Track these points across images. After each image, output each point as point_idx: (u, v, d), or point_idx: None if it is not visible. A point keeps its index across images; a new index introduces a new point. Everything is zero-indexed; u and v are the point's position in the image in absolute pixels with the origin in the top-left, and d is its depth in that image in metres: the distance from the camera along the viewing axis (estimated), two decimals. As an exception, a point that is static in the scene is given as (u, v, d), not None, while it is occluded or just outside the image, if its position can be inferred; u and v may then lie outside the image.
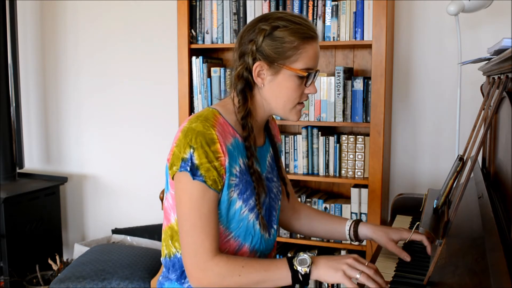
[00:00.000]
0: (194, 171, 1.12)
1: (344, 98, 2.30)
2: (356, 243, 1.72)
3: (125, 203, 3.09)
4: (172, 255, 1.28)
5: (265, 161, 1.34)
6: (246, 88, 1.22)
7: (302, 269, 1.11)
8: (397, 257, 1.34)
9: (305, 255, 1.13)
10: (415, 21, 2.43)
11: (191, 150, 1.12)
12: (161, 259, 1.33)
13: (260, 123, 1.30)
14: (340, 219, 1.48)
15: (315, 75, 1.23)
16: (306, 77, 1.21)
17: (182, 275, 1.27)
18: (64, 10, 3.08)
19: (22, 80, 3.09)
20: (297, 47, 1.18)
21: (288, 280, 1.12)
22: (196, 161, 1.12)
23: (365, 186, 2.32)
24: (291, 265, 1.12)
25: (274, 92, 1.22)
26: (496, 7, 2.21)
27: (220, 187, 1.16)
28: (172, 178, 1.18)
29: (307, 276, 1.11)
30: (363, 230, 1.41)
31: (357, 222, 1.43)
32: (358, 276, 1.08)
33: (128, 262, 2.11)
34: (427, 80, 2.44)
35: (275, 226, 1.36)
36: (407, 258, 1.30)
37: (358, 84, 2.28)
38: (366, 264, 1.11)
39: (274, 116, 1.50)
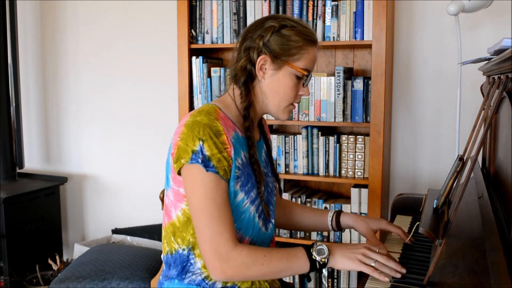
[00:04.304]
0: (206, 162, 1.14)
1: (344, 98, 2.30)
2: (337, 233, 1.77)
3: (125, 203, 3.09)
4: (174, 252, 1.28)
5: (261, 156, 1.37)
6: (248, 80, 1.27)
7: (320, 259, 1.17)
8: (397, 257, 1.35)
9: (323, 245, 1.18)
10: (415, 21, 2.43)
11: (201, 142, 1.14)
12: (162, 256, 1.33)
13: (257, 117, 1.34)
14: (322, 211, 1.55)
15: (310, 79, 1.29)
16: (305, 77, 1.26)
17: (183, 271, 1.27)
18: (64, 10, 3.08)
19: (22, 80, 3.09)
20: (302, 47, 1.24)
21: (306, 269, 1.18)
22: (207, 152, 1.14)
23: (365, 186, 2.32)
24: (309, 255, 1.17)
25: (272, 87, 1.26)
26: (496, 7, 2.21)
27: (229, 177, 1.19)
28: (178, 172, 1.20)
29: (324, 265, 1.18)
30: (345, 220, 1.48)
31: (338, 213, 1.50)
32: (373, 264, 1.16)
33: (128, 262, 2.11)
34: (427, 80, 2.44)
35: (272, 221, 1.38)
36: (383, 250, 1.35)
37: (358, 84, 2.28)
38: (378, 250, 1.19)
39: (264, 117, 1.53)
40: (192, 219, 1.20)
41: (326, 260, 1.17)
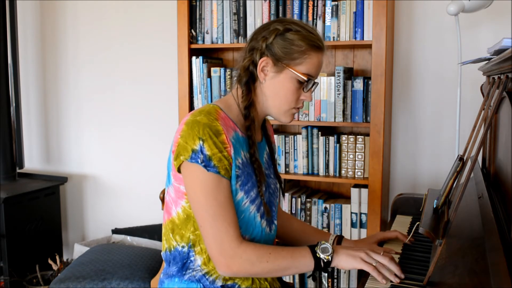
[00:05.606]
0: (207, 162, 1.15)
1: (344, 98, 2.30)
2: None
3: (125, 203, 3.09)
4: (172, 249, 1.29)
5: (262, 157, 1.37)
6: (250, 80, 1.28)
7: (325, 257, 1.19)
8: (397, 257, 1.35)
9: (326, 244, 1.21)
10: (415, 21, 2.43)
11: (201, 142, 1.15)
12: (162, 253, 1.34)
13: (259, 117, 1.34)
14: (323, 233, 1.57)
15: (313, 85, 1.29)
16: (306, 83, 1.26)
17: (183, 267, 1.28)
18: (64, 10, 3.08)
19: (22, 80, 3.09)
20: (304, 51, 1.24)
21: (311, 267, 1.20)
22: (207, 152, 1.15)
23: (365, 186, 2.32)
24: (313, 253, 1.20)
25: (273, 89, 1.27)
26: (496, 7, 2.21)
27: (230, 175, 1.20)
28: (178, 170, 1.21)
29: (328, 263, 1.20)
30: (347, 245, 1.48)
31: (340, 238, 1.50)
32: (374, 263, 1.18)
33: (128, 262, 2.11)
34: (427, 80, 2.44)
35: (275, 222, 1.38)
36: (392, 251, 1.40)
37: (358, 84, 2.28)
38: (381, 253, 1.20)
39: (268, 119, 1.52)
40: (195, 218, 1.21)
41: (330, 258, 1.19)
